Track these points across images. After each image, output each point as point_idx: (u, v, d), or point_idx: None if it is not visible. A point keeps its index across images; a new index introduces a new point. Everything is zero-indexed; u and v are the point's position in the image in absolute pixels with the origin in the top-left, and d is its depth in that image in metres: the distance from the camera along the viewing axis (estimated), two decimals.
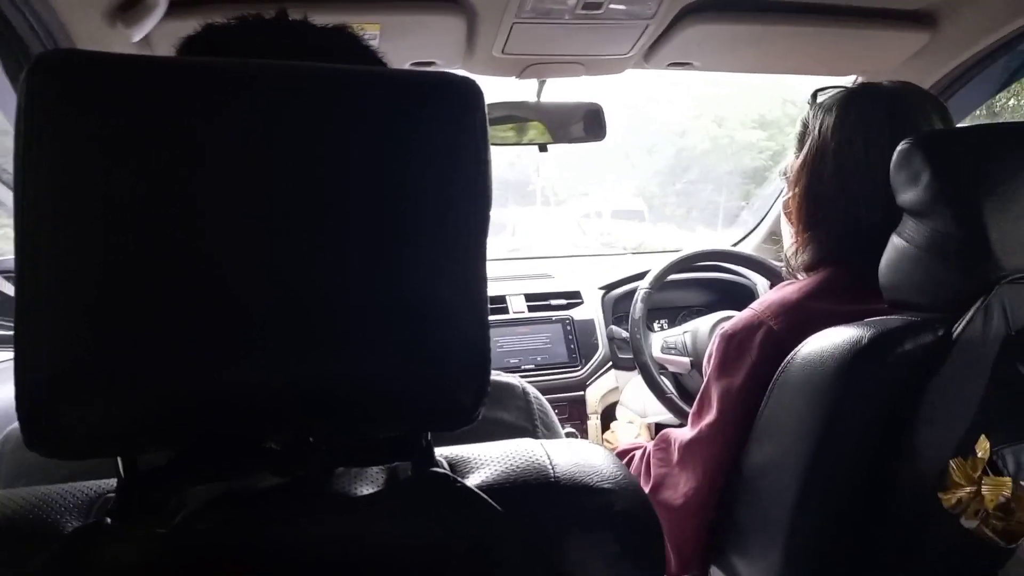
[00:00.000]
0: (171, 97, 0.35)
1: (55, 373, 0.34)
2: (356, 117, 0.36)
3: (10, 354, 0.34)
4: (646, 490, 0.94)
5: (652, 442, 0.98)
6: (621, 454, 1.08)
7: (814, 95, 0.93)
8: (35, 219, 0.33)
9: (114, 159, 0.33)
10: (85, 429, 0.35)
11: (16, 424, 0.53)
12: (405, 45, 1.15)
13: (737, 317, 0.89)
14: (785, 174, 0.96)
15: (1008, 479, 0.65)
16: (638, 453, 1.02)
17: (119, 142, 0.34)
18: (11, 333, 0.34)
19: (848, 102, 0.87)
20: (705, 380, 0.90)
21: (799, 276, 0.93)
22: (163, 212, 0.34)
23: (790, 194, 0.93)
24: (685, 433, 0.92)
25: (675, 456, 0.92)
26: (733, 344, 0.86)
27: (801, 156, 0.90)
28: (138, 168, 0.34)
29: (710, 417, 0.87)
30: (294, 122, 0.35)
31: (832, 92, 0.91)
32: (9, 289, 0.94)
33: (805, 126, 0.91)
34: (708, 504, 0.87)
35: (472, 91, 0.39)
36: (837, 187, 0.86)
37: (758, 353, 0.83)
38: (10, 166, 0.34)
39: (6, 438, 0.56)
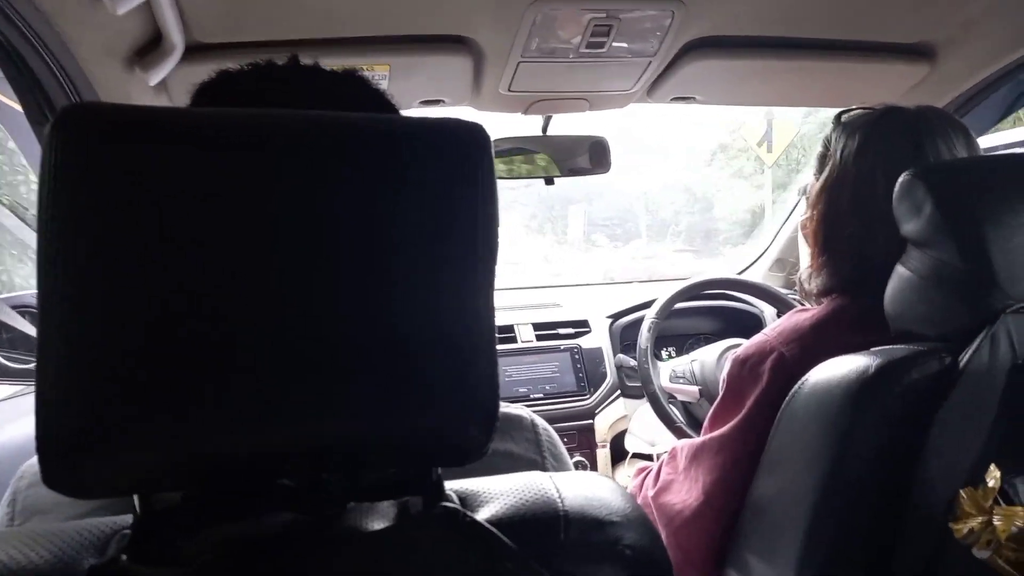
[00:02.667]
0: (187, 148, 0.36)
1: (75, 424, 0.34)
2: (362, 166, 0.37)
3: (25, 387, 0.35)
4: (651, 494, 0.94)
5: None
6: (638, 472, 1.08)
7: (838, 116, 0.92)
8: (57, 272, 0.34)
9: (134, 211, 0.34)
10: (103, 472, 0.36)
11: (32, 460, 0.54)
12: (414, 84, 1.18)
13: (749, 342, 0.90)
14: (805, 193, 0.96)
15: (1020, 508, 0.64)
16: (654, 467, 1.02)
17: (138, 193, 0.35)
18: (26, 367, 0.35)
19: (871, 128, 0.86)
20: (718, 398, 0.91)
21: (812, 301, 0.93)
22: (181, 269, 0.35)
23: (808, 215, 0.93)
24: (694, 441, 0.92)
25: (682, 463, 0.93)
26: (745, 369, 0.87)
27: (821, 179, 0.90)
28: (157, 219, 0.35)
29: (719, 431, 0.88)
30: (301, 174, 0.36)
31: (856, 115, 0.90)
32: (23, 326, 0.95)
33: (827, 147, 0.90)
34: (708, 513, 0.87)
35: (479, 136, 0.40)
36: (855, 215, 0.85)
37: (768, 379, 0.83)
38: (34, 206, 0.35)
39: (21, 475, 0.57)
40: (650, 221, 5.23)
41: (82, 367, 0.34)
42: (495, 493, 0.46)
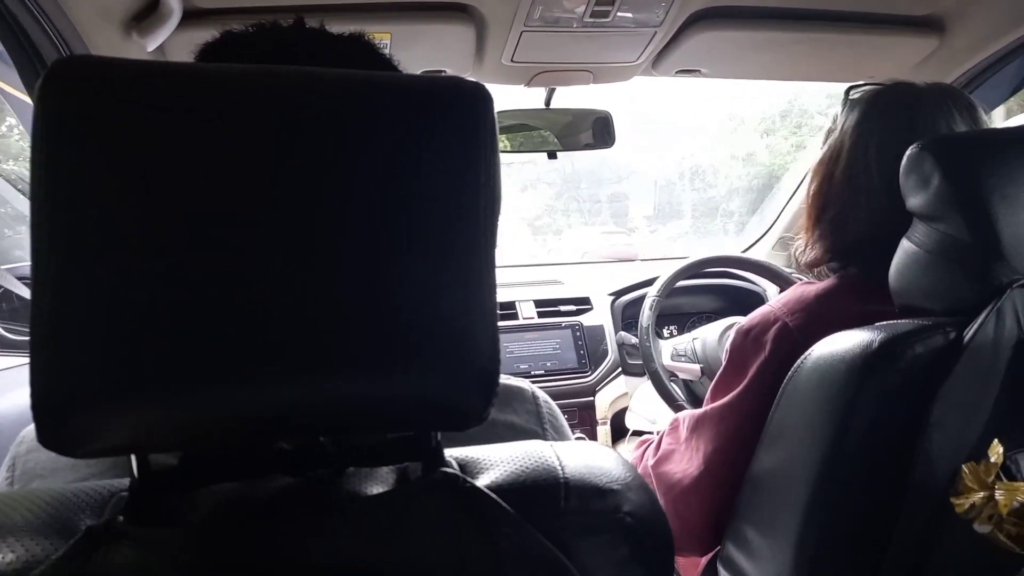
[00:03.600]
0: (185, 103, 0.35)
1: (69, 380, 0.34)
2: (366, 123, 0.37)
3: (27, 357, 0.35)
4: (651, 463, 0.95)
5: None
6: (640, 444, 1.09)
7: (847, 92, 0.92)
8: (50, 227, 0.34)
9: (129, 167, 0.34)
10: (98, 431, 0.36)
11: (31, 427, 0.54)
12: (415, 54, 1.17)
13: (754, 313, 0.90)
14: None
15: (1022, 484, 0.64)
16: (655, 438, 1.02)
17: (134, 149, 0.34)
18: (27, 338, 0.35)
19: (872, 102, 0.87)
20: (720, 370, 0.91)
21: (809, 275, 0.94)
22: (177, 221, 0.34)
23: (810, 189, 0.93)
24: (696, 412, 0.93)
25: (684, 434, 0.93)
26: (749, 339, 0.87)
27: (822, 153, 0.91)
28: (153, 176, 0.34)
29: (721, 401, 0.88)
30: (305, 129, 0.36)
31: (865, 90, 0.90)
32: (26, 293, 0.95)
33: (834, 122, 0.91)
34: (708, 483, 0.88)
35: (481, 97, 0.39)
36: (844, 186, 0.86)
37: (771, 348, 0.84)
38: (27, 174, 0.34)
39: (21, 440, 0.57)
40: (696, 199, 5.04)
41: (75, 324, 0.34)
42: (495, 460, 0.46)
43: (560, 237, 4.51)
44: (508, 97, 1.41)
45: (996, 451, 0.66)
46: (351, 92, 0.37)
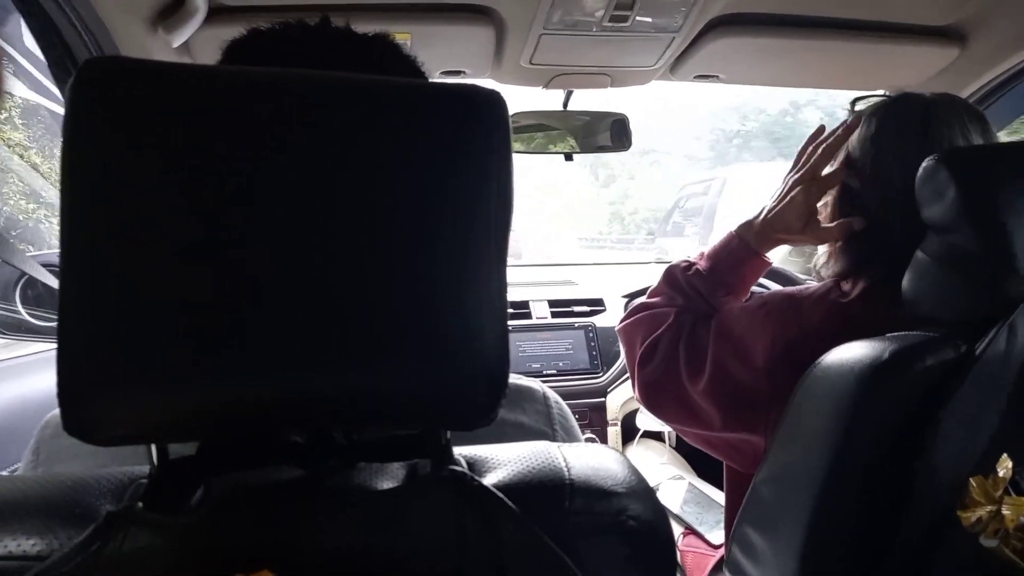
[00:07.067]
0: (210, 105, 0.36)
1: (93, 367, 0.35)
2: (382, 127, 0.37)
3: (53, 344, 0.36)
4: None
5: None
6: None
7: (853, 103, 0.92)
8: (78, 219, 0.35)
9: (155, 164, 0.35)
10: (120, 418, 0.37)
11: (56, 411, 0.55)
12: (435, 54, 1.18)
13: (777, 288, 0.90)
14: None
15: None
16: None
17: (160, 147, 0.35)
18: (53, 324, 0.36)
19: (884, 113, 0.86)
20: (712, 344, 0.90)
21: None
22: (200, 217, 0.35)
23: (824, 201, 0.93)
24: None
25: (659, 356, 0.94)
26: (761, 312, 0.87)
27: (836, 165, 0.90)
28: (177, 174, 0.35)
29: (702, 380, 0.88)
30: (324, 132, 0.37)
31: (871, 101, 0.90)
32: (51, 281, 0.97)
33: (834, 132, 0.91)
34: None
35: (496, 104, 0.40)
36: (871, 200, 0.85)
37: (778, 323, 0.84)
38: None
39: (46, 424, 0.58)
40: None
41: (100, 314, 0.35)
42: (503, 460, 0.47)
43: None
44: (526, 98, 1.41)
45: (1005, 465, 0.65)
46: (368, 98, 0.38)
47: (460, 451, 0.47)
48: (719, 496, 1.42)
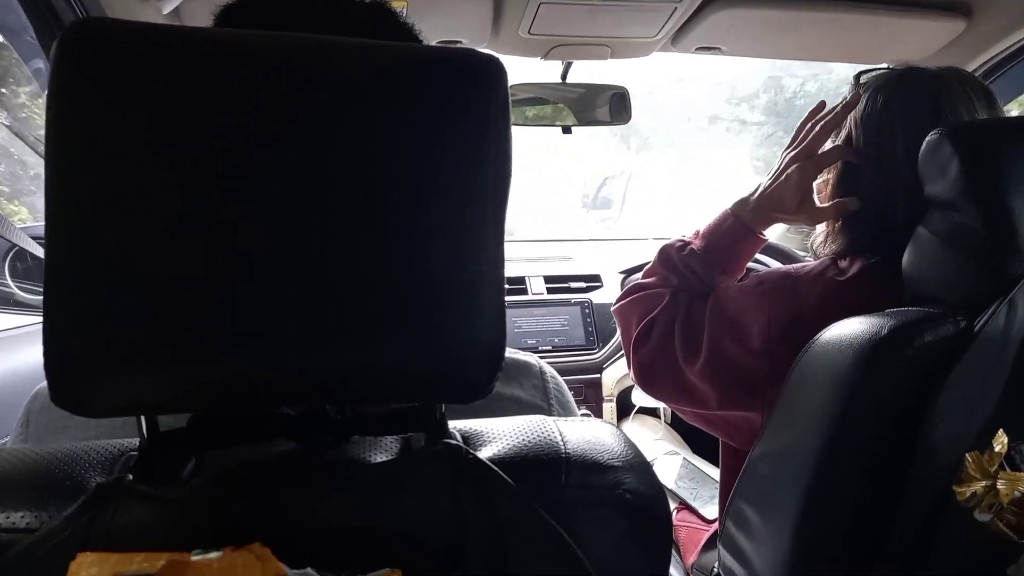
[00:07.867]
0: (199, 67, 0.35)
1: (80, 340, 0.35)
2: (377, 93, 0.36)
3: (40, 318, 0.35)
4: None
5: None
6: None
7: (857, 77, 0.90)
8: (63, 189, 0.34)
9: (142, 129, 0.34)
10: (108, 391, 0.36)
11: (44, 384, 0.55)
12: (432, 23, 1.16)
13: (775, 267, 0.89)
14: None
15: None
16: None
17: (147, 111, 0.34)
18: (42, 298, 0.35)
19: (891, 88, 0.84)
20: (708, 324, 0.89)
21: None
22: (189, 185, 0.34)
23: (824, 178, 0.91)
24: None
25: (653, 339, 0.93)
26: (758, 292, 0.86)
27: (838, 141, 0.88)
28: (166, 139, 0.34)
29: (698, 361, 0.87)
30: (317, 96, 0.36)
31: (875, 74, 0.88)
32: (41, 253, 0.96)
33: (836, 107, 0.88)
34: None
35: (495, 69, 0.39)
36: (875, 177, 0.84)
37: (775, 302, 0.83)
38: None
39: (35, 396, 0.58)
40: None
41: (88, 286, 0.34)
42: (498, 433, 0.46)
43: None
44: (524, 69, 1.39)
45: (1001, 441, 0.65)
46: (362, 62, 0.37)
47: (455, 424, 0.46)
48: (714, 472, 1.43)
